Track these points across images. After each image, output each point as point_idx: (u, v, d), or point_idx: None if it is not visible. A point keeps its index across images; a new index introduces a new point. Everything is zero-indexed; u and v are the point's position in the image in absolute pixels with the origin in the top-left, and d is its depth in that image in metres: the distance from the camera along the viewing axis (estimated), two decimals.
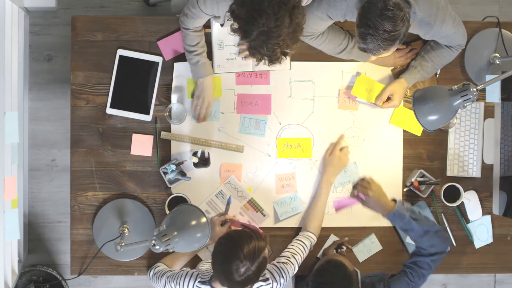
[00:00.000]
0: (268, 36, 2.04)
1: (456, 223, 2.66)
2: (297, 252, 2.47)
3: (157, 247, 2.14)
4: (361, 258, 2.65)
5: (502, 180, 2.58)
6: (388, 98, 2.56)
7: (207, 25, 2.55)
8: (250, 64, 2.59)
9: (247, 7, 2.04)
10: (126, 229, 2.56)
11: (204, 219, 2.21)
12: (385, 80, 2.62)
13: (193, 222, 2.20)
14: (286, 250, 2.49)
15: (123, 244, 2.35)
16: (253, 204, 2.61)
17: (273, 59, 2.11)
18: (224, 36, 2.56)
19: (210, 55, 2.57)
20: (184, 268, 2.45)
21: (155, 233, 2.16)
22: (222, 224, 2.52)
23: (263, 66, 2.21)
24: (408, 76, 2.54)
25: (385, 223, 2.64)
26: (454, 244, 2.64)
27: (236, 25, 2.12)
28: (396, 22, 2.08)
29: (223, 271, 2.13)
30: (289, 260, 2.42)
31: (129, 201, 2.60)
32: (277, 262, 2.41)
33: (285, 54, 2.11)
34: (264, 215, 2.60)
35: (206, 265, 2.41)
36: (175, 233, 2.16)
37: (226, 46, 2.57)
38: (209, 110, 2.57)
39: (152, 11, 3.31)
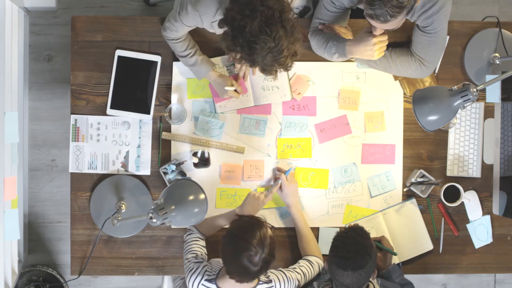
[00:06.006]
0: (274, 54, 2.10)
1: (457, 223, 2.65)
2: (303, 265, 2.46)
3: (154, 220, 2.16)
4: None
5: (502, 180, 2.58)
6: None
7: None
8: (251, 100, 2.59)
9: (242, 39, 2.08)
10: (123, 205, 2.56)
11: (202, 195, 2.22)
12: (384, 86, 2.62)
13: (191, 197, 2.21)
14: (293, 265, 2.48)
15: (119, 218, 2.34)
16: None
17: (287, 67, 2.18)
18: None
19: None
20: (196, 261, 2.40)
21: (152, 206, 2.18)
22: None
23: (265, 100, 2.51)
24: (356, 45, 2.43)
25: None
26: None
27: (238, 56, 2.15)
28: None
29: (238, 268, 2.17)
30: (295, 270, 2.42)
31: (125, 177, 2.59)
32: (285, 269, 2.42)
33: (294, 55, 2.17)
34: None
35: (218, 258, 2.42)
36: (173, 207, 2.18)
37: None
38: (238, 88, 2.54)
39: (152, 11, 3.31)
